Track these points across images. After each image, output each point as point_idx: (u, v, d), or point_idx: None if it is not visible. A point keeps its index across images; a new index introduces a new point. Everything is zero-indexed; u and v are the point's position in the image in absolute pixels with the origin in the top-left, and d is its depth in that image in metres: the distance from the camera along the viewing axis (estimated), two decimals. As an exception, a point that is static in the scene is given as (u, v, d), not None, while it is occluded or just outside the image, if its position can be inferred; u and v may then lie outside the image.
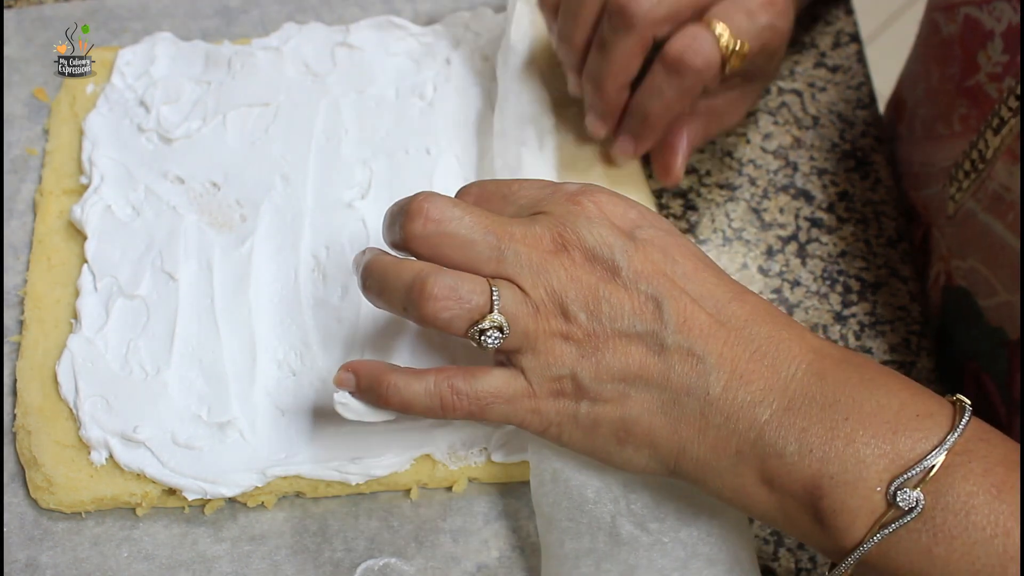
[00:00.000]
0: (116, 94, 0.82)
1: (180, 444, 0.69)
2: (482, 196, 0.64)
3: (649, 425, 0.58)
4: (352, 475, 0.68)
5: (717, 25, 0.68)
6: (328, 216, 0.77)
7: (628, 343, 0.58)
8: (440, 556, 0.69)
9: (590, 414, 0.59)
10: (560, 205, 0.60)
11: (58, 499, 0.68)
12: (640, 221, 0.61)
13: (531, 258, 0.58)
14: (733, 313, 0.58)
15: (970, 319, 0.75)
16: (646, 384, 0.58)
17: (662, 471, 0.60)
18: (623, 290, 0.58)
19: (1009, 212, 0.67)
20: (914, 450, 0.54)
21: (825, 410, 0.55)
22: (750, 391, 0.57)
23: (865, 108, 0.87)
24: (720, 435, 0.57)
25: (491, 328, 0.58)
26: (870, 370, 0.57)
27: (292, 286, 0.74)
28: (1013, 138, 0.65)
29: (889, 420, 0.55)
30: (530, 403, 0.59)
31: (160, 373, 0.71)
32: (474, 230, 0.59)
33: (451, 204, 0.60)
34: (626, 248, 0.59)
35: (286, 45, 0.84)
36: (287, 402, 0.71)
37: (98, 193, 0.77)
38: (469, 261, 0.59)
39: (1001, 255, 0.69)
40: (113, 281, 0.74)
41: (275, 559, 0.68)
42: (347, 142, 0.80)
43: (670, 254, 0.59)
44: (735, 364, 0.57)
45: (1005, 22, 0.67)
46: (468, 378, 0.59)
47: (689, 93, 0.71)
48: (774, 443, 0.56)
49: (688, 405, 0.57)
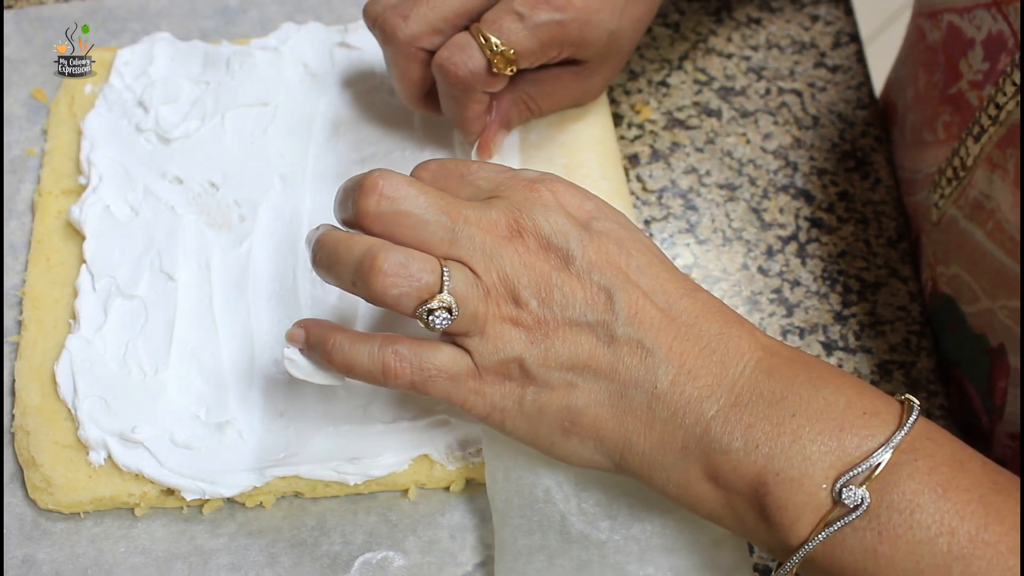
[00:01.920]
0: (115, 94, 0.82)
1: (179, 444, 0.69)
2: (439, 174, 0.63)
3: (595, 416, 0.58)
4: (350, 475, 0.68)
5: (483, 32, 0.69)
6: (326, 216, 0.76)
7: (578, 332, 0.58)
8: (438, 551, 0.69)
9: (536, 401, 0.59)
10: (517, 191, 0.61)
11: (57, 499, 0.68)
12: (596, 213, 0.61)
13: (485, 242, 0.58)
14: (684, 308, 0.59)
15: (954, 325, 0.75)
16: (594, 374, 0.58)
17: (607, 465, 0.60)
18: (575, 279, 0.58)
19: (989, 220, 0.67)
20: (860, 448, 0.54)
21: (772, 406, 0.55)
22: (697, 386, 0.57)
23: (865, 108, 0.87)
24: (667, 429, 0.57)
25: (439, 308, 0.57)
26: (818, 368, 0.58)
27: (291, 286, 0.74)
28: (992, 146, 0.65)
29: (836, 417, 0.55)
30: (474, 384, 0.59)
31: (159, 373, 0.71)
32: (428, 210, 0.59)
33: (406, 183, 0.59)
34: (581, 238, 0.59)
35: (285, 45, 0.84)
36: (285, 402, 0.70)
37: (97, 193, 0.77)
38: (422, 241, 0.59)
39: (982, 262, 0.69)
40: (112, 281, 0.74)
41: (272, 551, 0.68)
42: (345, 142, 0.80)
43: (625, 247, 0.60)
44: (684, 359, 0.57)
45: (985, 30, 0.67)
46: (414, 347, 0.59)
47: (468, 95, 0.71)
48: (720, 439, 0.56)
49: (635, 398, 0.57)
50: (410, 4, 0.70)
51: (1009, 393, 0.69)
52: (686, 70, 0.89)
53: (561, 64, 0.74)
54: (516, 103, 0.76)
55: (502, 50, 0.68)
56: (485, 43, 0.68)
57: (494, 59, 0.68)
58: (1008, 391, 0.69)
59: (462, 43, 0.69)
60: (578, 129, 0.79)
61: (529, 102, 0.76)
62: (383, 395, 0.69)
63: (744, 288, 0.80)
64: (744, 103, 0.87)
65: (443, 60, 0.69)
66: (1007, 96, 0.63)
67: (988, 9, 0.67)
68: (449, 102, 0.73)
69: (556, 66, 0.74)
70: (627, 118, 0.87)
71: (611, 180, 0.77)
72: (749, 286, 0.80)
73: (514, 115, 0.76)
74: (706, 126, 0.86)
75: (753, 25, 0.91)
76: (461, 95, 0.71)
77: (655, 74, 0.89)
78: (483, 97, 0.72)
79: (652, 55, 0.89)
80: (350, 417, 0.70)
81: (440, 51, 0.70)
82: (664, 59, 0.89)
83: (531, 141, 0.78)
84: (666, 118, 0.87)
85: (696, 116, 0.87)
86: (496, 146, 0.76)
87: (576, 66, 0.75)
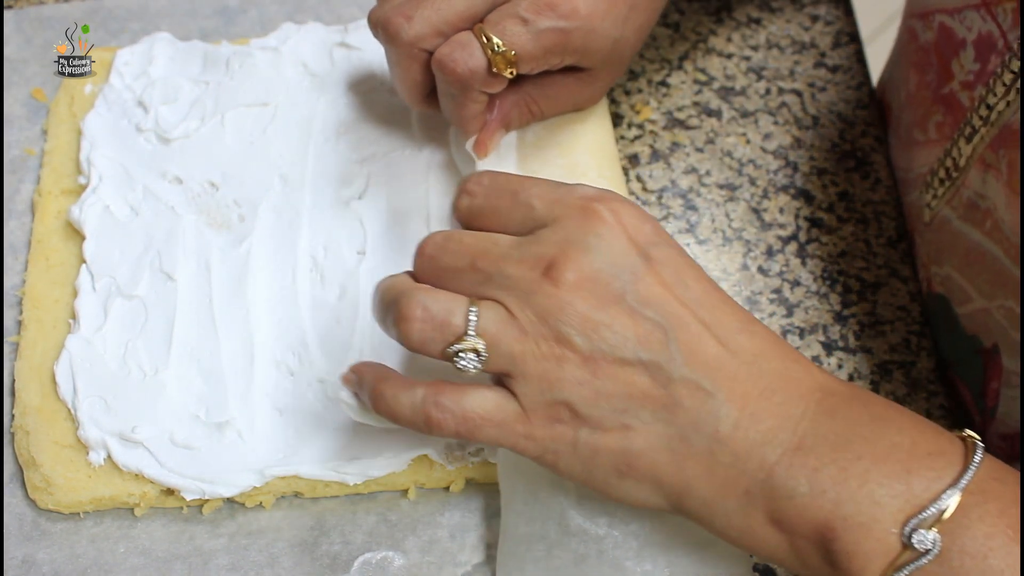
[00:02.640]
0: (114, 94, 0.82)
1: (178, 444, 0.69)
2: (492, 191, 0.60)
3: (653, 460, 0.56)
4: (350, 475, 0.68)
5: (485, 32, 0.68)
6: (326, 216, 0.77)
7: (631, 371, 0.55)
8: (438, 551, 0.69)
9: (589, 443, 0.56)
10: (573, 217, 0.57)
11: (56, 499, 0.68)
12: (654, 237, 0.58)
13: (522, 279, 0.56)
14: (743, 345, 0.56)
15: (948, 326, 0.75)
16: (651, 415, 0.55)
17: (664, 506, 0.58)
18: (628, 315, 0.55)
19: (987, 220, 0.67)
20: (929, 490, 0.52)
21: (837, 449, 0.54)
22: (760, 430, 0.55)
23: (865, 108, 0.87)
24: (729, 475, 0.55)
25: (466, 350, 0.55)
26: (878, 406, 0.56)
27: (290, 286, 0.74)
28: (985, 147, 0.65)
29: (902, 459, 0.53)
30: (523, 428, 0.57)
31: (158, 373, 0.71)
32: (464, 257, 0.57)
33: (444, 237, 0.59)
34: (637, 268, 0.56)
35: (284, 45, 0.84)
36: (285, 402, 0.71)
37: (96, 193, 0.77)
38: (459, 286, 0.58)
39: (977, 262, 0.69)
40: (111, 281, 0.74)
41: (272, 551, 0.68)
42: (345, 142, 0.80)
43: (682, 276, 0.57)
44: (745, 401, 0.55)
45: (975, 31, 0.67)
46: (456, 396, 0.57)
47: (466, 93, 0.71)
48: (785, 484, 0.54)
49: (695, 442, 0.55)
50: (414, 5, 0.69)
51: (1002, 394, 0.69)
52: (686, 70, 0.89)
53: (564, 70, 0.74)
54: (518, 105, 0.76)
55: (503, 51, 0.68)
56: (487, 42, 0.68)
57: (494, 59, 0.68)
58: (1001, 392, 0.69)
59: (463, 41, 0.69)
60: (576, 129, 0.79)
61: (531, 104, 0.76)
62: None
63: (744, 288, 0.80)
64: (744, 103, 0.87)
65: (443, 56, 0.69)
66: (997, 97, 0.63)
67: (978, 10, 0.67)
68: (447, 100, 0.72)
69: (559, 72, 0.74)
70: (627, 118, 0.87)
71: (609, 180, 0.77)
72: (749, 286, 0.80)
73: (515, 116, 0.76)
74: (706, 126, 0.86)
75: (753, 25, 0.91)
76: (459, 93, 0.70)
77: (655, 74, 0.89)
78: (481, 96, 0.71)
79: (652, 55, 0.89)
80: (349, 417, 0.69)
81: (441, 48, 0.69)
82: (664, 59, 0.89)
83: (528, 141, 0.78)
84: (666, 118, 0.87)
85: (696, 116, 0.87)
86: (493, 145, 0.76)
87: (579, 72, 0.74)
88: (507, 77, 0.70)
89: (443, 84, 0.71)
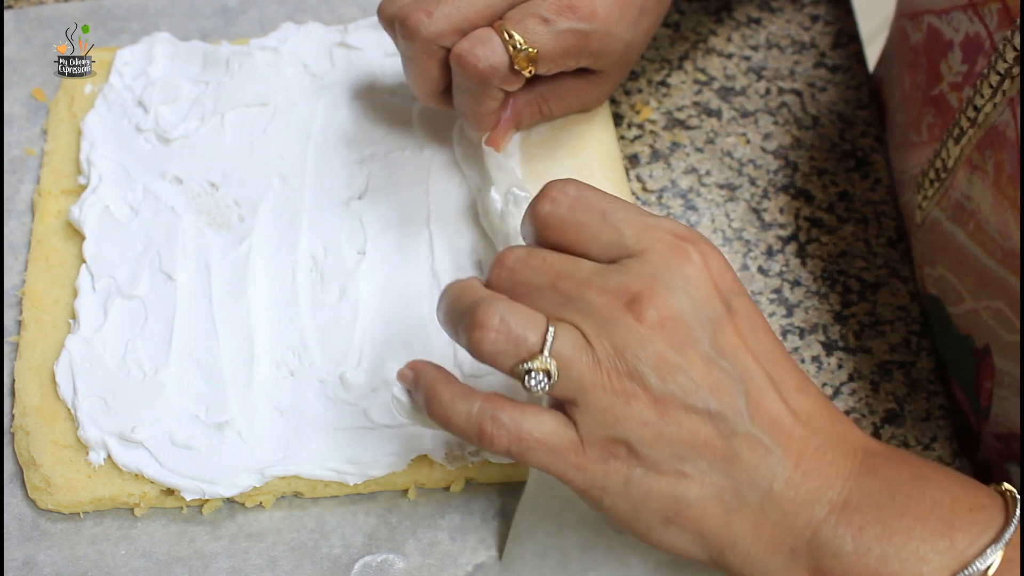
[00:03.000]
0: (114, 94, 0.82)
1: (178, 444, 0.69)
2: (579, 204, 0.58)
3: (703, 511, 0.55)
4: (349, 475, 0.68)
5: (507, 29, 0.68)
6: (326, 216, 0.77)
7: (698, 419, 0.54)
8: (438, 553, 0.69)
9: (642, 484, 0.55)
10: (663, 250, 0.56)
11: (56, 499, 0.68)
12: (735, 287, 0.57)
13: (603, 308, 0.54)
14: (800, 403, 0.56)
15: (941, 327, 0.75)
16: (708, 466, 0.54)
17: (703, 558, 0.57)
18: (703, 363, 0.54)
19: (970, 221, 0.67)
20: (973, 545, 0.52)
21: (881, 508, 0.54)
22: (809, 488, 0.54)
23: (865, 108, 0.87)
24: (776, 532, 0.54)
25: (538, 370, 0.54)
26: (917, 464, 0.56)
27: (290, 286, 0.74)
28: (972, 148, 0.66)
29: (944, 516, 0.53)
30: (576, 459, 0.55)
31: (158, 373, 0.71)
32: (546, 276, 0.56)
33: (526, 254, 0.57)
34: (718, 318, 0.55)
35: (284, 45, 0.84)
36: (285, 402, 0.70)
37: (96, 193, 0.77)
38: (536, 304, 0.56)
39: (966, 263, 0.69)
40: (111, 281, 0.74)
41: (272, 555, 0.68)
42: (345, 142, 0.80)
43: (756, 330, 0.56)
44: (799, 458, 0.55)
45: (963, 32, 0.67)
46: (515, 414, 0.55)
47: (485, 89, 0.70)
48: (830, 542, 0.54)
49: (749, 497, 0.54)
50: (433, 2, 0.69)
51: (995, 394, 0.69)
52: (686, 70, 0.89)
53: (575, 72, 0.74)
54: (530, 104, 0.76)
55: (525, 49, 0.67)
56: (508, 39, 0.68)
57: (516, 57, 0.68)
58: (994, 392, 0.69)
59: (484, 37, 0.68)
60: (582, 130, 0.79)
61: (543, 105, 0.76)
62: (381, 396, 0.69)
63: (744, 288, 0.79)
64: (744, 103, 0.87)
65: (464, 51, 0.68)
66: (984, 98, 0.63)
67: (965, 11, 0.67)
68: (463, 96, 0.72)
69: (570, 74, 0.74)
70: (627, 118, 0.86)
71: (614, 182, 0.78)
72: (749, 286, 0.79)
73: (527, 116, 0.76)
74: (706, 126, 0.86)
75: (753, 25, 0.91)
76: (478, 89, 0.70)
77: (655, 74, 0.89)
78: (497, 94, 0.71)
79: (652, 55, 0.89)
80: (349, 417, 0.70)
81: (461, 42, 0.68)
82: (664, 59, 0.89)
83: (533, 140, 0.78)
84: (666, 118, 0.87)
85: (696, 116, 0.87)
86: (506, 143, 0.76)
87: (589, 74, 0.75)
88: (526, 76, 0.69)
89: (461, 80, 0.70)
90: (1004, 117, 0.62)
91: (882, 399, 0.76)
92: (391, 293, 0.74)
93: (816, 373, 0.76)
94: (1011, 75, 0.61)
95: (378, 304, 0.73)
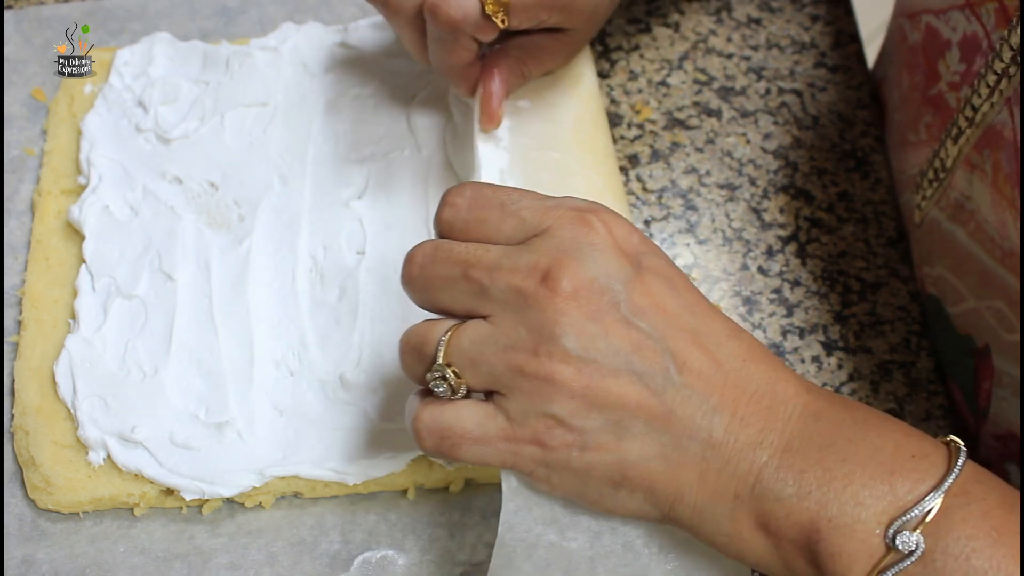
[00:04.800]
0: (114, 94, 0.82)
1: (178, 444, 0.69)
2: (477, 201, 0.59)
3: (647, 469, 0.55)
4: (349, 475, 0.68)
5: None
6: (325, 216, 0.77)
7: (626, 382, 0.54)
8: (437, 550, 0.69)
9: (583, 457, 0.55)
10: (566, 224, 0.56)
11: (56, 499, 0.68)
12: (643, 247, 0.57)
13: (517, 288, 0.55)
14: (731, 352, 0.56)
15: (940, 327, 0.75)
16: (645, 425, 0.54)
17: (655, 516, 0.57)
18: (622, 325, 0.54)
19: (970, 220, 0.67)
20: (912, 492, 0.52)
21: (823, 451, 0.54)
22: (749, 433, 0.54)
23: (865, 108, 0.87)
24: (720, 480, 0.55)
25: (437, 377, 0.55)
26: (861, 411, 0.56)
27: (290, 286, 0.74)
28: (970, 148, 0.66)
29: (885, 462, 0.53)
30: (509, 445, 0.56)
31: (158, 373, 0.71)
32: (454, 268, 0.57)
33: (433, 247, 0.58)
34: (629, 279, 0.55)
35: (284, 45, 0.84)
36: (285, 402, 0.71)
37: (96, 193, 0.77)
38: (453, 301, 0.57)
39: (967, 263, 0.69)
40: (111, 281, 0.74)
41: (272, 550, 0.69)
42: (344, 142, 0.80)
43: (673, 285, 0.57)
44: (736, 406, 0.55)
45: (960, 32, 0.67)
46: (435, 411, 0.56)
47: (458, 38, 0.70)
48: (772, 486, 0.54)
49: (690, 449, 0.55)
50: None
51: (994, 394, 0.69)
52: (686, 70, 0.89)
53: (544, 31, 0.74)
54: (512, 68, 0.76)
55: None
56: None
57: (487, 3, 0.68)
58: (993, 392, 0.69)
59: None
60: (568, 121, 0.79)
61: (522, 66, 0.76)
62: (381, 396, 0.69)
63: (744, 288, 0.79)
64: (744, 103, 0.87)
65: (436, 1, 0.68)
66: (982, 98, 0.63)
67: (962, 11, 0.67)
68: (437, 46, 0.72)
69: (540, 32, 0.74)
70: (627, 118, 0.86)
71: (604, 176, 0.77)
72: (749, 286, 0.79)
73: (512, 82, 0.76)
74: (706, 126, 0.86)
75: (753, 25, 0.91)
76: (450, 38, 0.70)
77: (655, 74, 0.89)
78: (471, 44, 0.71)
79: (652, 55, 0.89)
80: (349, 417, 0.70)
81: None
82: (664, 59, 0.89)
83: (524, 131, 0.78)
84: (666, 118, 0.87)
85: (696, 116, 0.87)
86: (501, 114, 0.76)
87: (558, 33, 0.75)
88: (498, 25, 0.69)
89: (434, 30, 0.70)
90: (1002, 117, 0.62)
91: (882, 399, 0.75)
92: (391, 293, 0.73)
93: (816, 373, 0.76)
94: (1008, 75, 0.61)
95: (378, 304, 0.73)
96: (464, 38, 0.70)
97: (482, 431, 0.56)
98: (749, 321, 0.78)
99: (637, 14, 0.91)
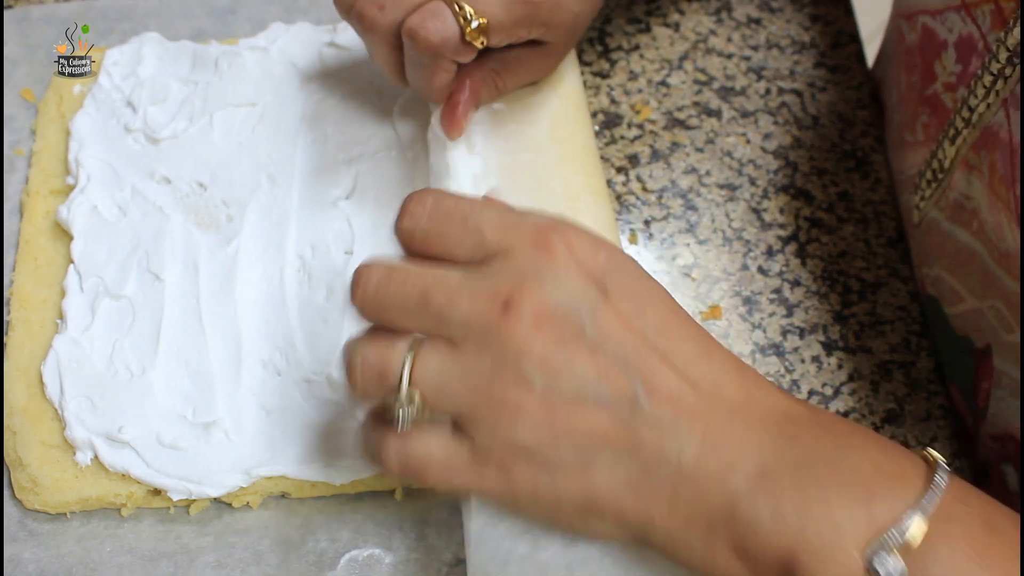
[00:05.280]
0: (103, 94, 0.82)
1: (165, 444, 0.68)
2: (438, 213, 0.57)
3: (616, 499, 0.54)
4: (336, 475, 0.68)
5: (456, 1, 0.67)
6: (313, 216, 0.76)
7: (591, 410, 0.53)
8: (424, 548, 0.68)
9: (550, 488, 0.54)
10: (526, 249, 0.55)
11: (43, 500, 0.68)
12: (608, 264, 0.55)
13: (479, 317, 0.53)
14: (703, 373, 0.54)
15: (939, 327, 0.74)
16: (612, 454, 0.53)
17: (628, 539, 0.56)
18: (587, 353, 0.53)
19: (973, 220, 0.66)
20: (890, 512, 0.50)
21: (799, 475, 0.52)
22: (721, 460, 0.53)
23: (865, 108, 0.86)
24: (692, 508, 0.53)
25: (401, 405, 0.54)
26: (840, 428, 0.55)
27: (278, 286, 0.74)
28: (968, 149, 0.65)
29: (864, 483, 0.52)
30: (474, 474, 0.55)
31: (145, 373, 0.71)
32: (409, 297, 0.55)
33: (385, 271, 0.56)
34: (595, 303, 0.54)
35: (273, 45, 0.84)
36: (272, 402, 0.70)
37: (84, 193, 0.77)
38: (410, 326, 0.55)
39: (968, 263, 0.68)
40: (99, 281, 0.74)
41: (258, 549, 0.68)
42: (332, 142, 0.80)
43: (640, 304, 0.55)
44: (706, 431, 0.53)
45: (956, 33, 0.67)
46: (401, 443, 0.55)
47: (437, 62, 0.70)
48: (747, 513, 0.52)
49: (659, 477, 0.53)
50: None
51: (993, 394, 0.68)
52: (686, 70, 0.88)
53: (524, 44, 0.73)
54: (485, 81, 0.75)
55: (475, 19, 0.67)
56: (459, 11, 0.67)
57: (467, 28, 0.67)
58: (992, 392, 0.68)
59: (435, 10, 0.67)
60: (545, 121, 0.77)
61: (497, 80, 0.75)
62: (369, 395, 0.69)
63: (744, 288, 0.79)
64: (744, 103, 0.86)
65: (415, 25, 0.67)
66: (978, 99, 0.63)
67: (958, 12, 0.67)
68: (416, 69, 0.71)
69: (520, 46, 0.73)
70: (627, 118, 0.86)
71: (583, 175, 0.75)
72: (749, 286, 0.79)
73: (484, 93, 0.75)
74: (706, 126, 0.86)
75: (753, 25, 0.90)
76: (429, 62, 0.69)
77: (655, 74, 0.88)
78: (450, 66, 0.70)
79: (652, 55, 0.89)
80: (336, 417, 0.69)
81: (412, 17, 0.68)
82: (664, 59, 0.89)
83: (500, 133, 0.77)
84: (666, 118, 0.86)
85: (696, 116, 0.86)
86: (466, 123, 0.74)
87: (538, 46, 0.74)
88: (477, 47, 0.68)
89: (413, 53, 0.69)
90: (998, 118, 0.62)
91: (882, 399, 0.75)
92: (378, 293, 0.73)
93: (816, 373, 0.76)
94: (1004, 76, 0.61)
95: (365, 304, 0.73)
96: (443, 61, 0.70)
97: (446, 458, 0.55)
98: (749, 321, 0.77)
99: (637, 14, 0.91)
